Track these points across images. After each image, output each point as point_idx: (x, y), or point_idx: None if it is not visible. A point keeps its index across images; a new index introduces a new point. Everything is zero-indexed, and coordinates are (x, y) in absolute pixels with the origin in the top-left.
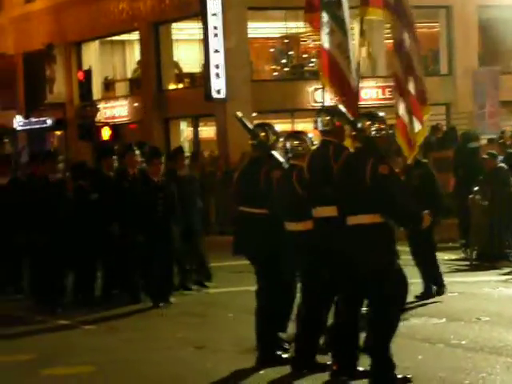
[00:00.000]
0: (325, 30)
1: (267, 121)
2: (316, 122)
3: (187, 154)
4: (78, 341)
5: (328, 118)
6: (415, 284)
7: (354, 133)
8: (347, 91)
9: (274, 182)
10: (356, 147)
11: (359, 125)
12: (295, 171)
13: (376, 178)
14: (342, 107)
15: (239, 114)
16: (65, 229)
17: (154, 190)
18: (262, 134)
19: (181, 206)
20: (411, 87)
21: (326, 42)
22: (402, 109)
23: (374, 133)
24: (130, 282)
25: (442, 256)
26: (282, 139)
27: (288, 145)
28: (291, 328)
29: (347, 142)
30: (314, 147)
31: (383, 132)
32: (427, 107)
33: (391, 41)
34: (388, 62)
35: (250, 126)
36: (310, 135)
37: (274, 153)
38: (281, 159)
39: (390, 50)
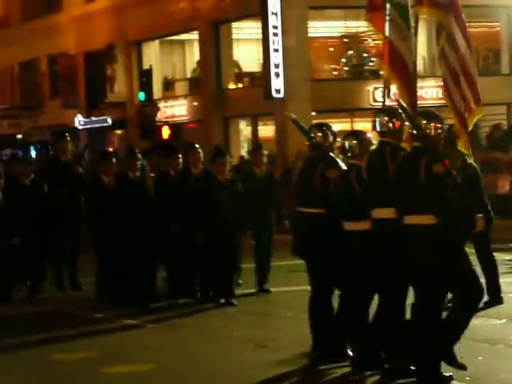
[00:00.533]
0: (390, 24)
1: (326, 120)
2: (374, 122)
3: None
4: (140, 339)
5: (386, 118)
6: None
7: (411, 131)
8: (408, 85)
9: (332, 182)
10: (413, 146)
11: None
12: (354, 170)
13: (430, 177)
14: (402, 103)
15: (293, 115)
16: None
17: (219, 189)
18: (319, 134)
19: (256, 205)
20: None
21: (390, 33)
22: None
23: (430, 131)
24: (189, 282)
25: (503, 256)
26: (339, 139)
27: (347, 144)
28: None
29: (404, 144)
30: (373, 147)
31: (439, 131)
32: (480, 108)
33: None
34: None
35: (305, 127)
36: (369, 135)
37: (330, 153)
38: (337, 159)
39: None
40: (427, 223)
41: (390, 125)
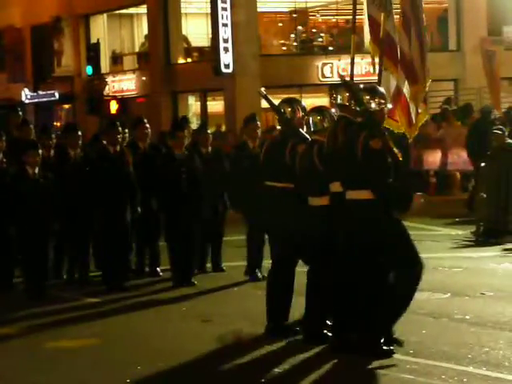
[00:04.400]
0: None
1: (275, 96)
2: (335, 97)
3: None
4: (85, 314)
5: (347, 94)
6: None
7: (354, 107)
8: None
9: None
10: (356, 122)
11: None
12: (316, 146)
13: (367, 152)
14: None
15: (263, 90)
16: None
17: (176, 165)
18: (289, 109)
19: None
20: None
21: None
22: (405, 86)
23: (373, 107)
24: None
25: (449, 231)
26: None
27: (310, 120)
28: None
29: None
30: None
31: (382, 106)
32: (419, 86)
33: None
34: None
35: (275, 102)
36: (333, 110)
37: (299, 129)
38: (306, 135)
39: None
40: (365, 198)
41: (349, 100)
